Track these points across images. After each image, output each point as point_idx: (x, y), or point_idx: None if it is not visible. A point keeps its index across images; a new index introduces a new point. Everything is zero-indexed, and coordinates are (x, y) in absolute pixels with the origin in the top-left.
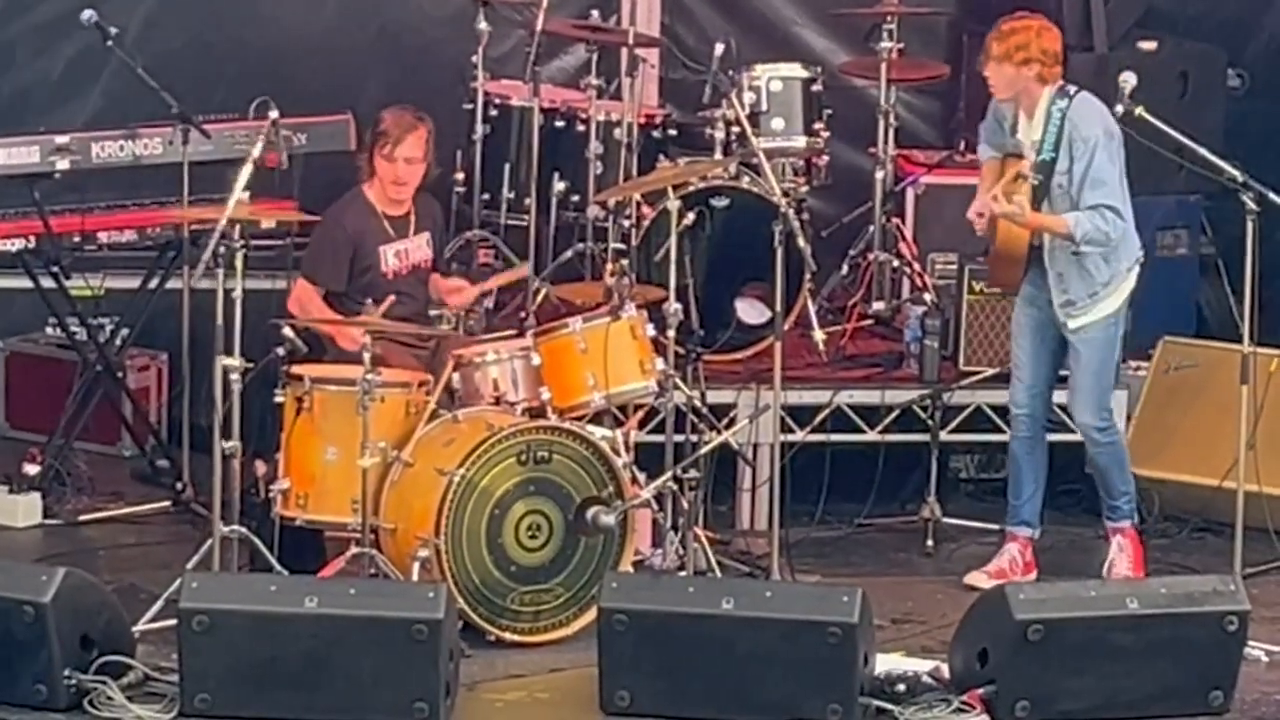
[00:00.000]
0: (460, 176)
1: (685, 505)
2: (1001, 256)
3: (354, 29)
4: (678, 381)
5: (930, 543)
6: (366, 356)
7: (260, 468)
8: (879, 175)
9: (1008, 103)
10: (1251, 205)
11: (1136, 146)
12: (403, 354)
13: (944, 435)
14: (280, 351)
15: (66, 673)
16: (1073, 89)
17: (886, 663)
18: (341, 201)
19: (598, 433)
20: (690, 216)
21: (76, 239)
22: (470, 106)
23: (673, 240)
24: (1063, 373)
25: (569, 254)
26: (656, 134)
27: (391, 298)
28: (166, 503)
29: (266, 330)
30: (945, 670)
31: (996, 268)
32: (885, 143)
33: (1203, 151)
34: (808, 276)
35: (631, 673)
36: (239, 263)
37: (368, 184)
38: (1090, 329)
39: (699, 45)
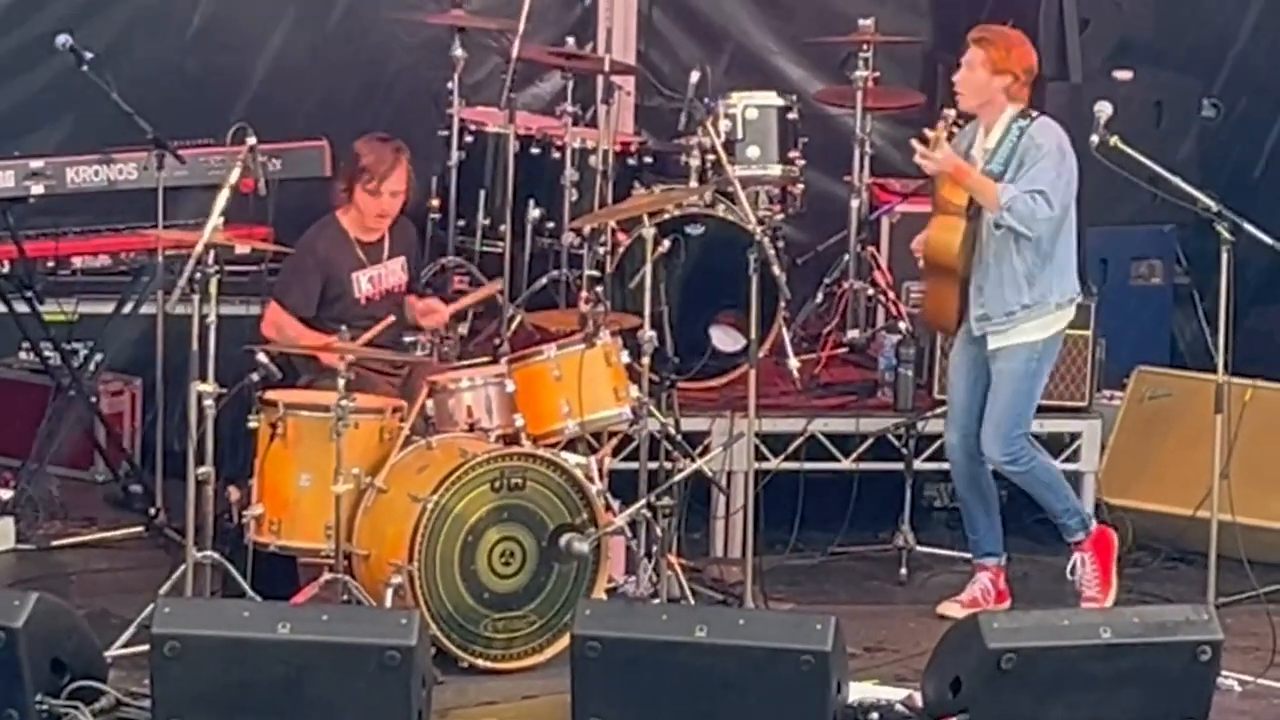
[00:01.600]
0: (435, 203)
1: (659, 533)
2: (931, 270)
3: (329, 55)
4: (652, 409)
5: (904, 571)
6: (341, 382)
7: (234, 493)
8: (854, 203)
9: (969, 114)
10: (1226, 235)
11: (1111, 176)
12: (377, 380)
13: (918, 464)
14: (254, 377)
15: (38, 698)
16: (1035, 113)
17: (860, 691)
18: (314, 228)
19: (572, 460)
20: (665, 244)
21: (50, 263)
22: (445, 133)
23: (648, 267)
24: None
25: (544, 281)
26: (632, 161)
27: (390, 318)
28: (139, 528)
29: (241, 356)
30: (918, 699)
31: (929, 293)
32: (860, 171)
33: (1177, 181)
34: (782, 304)
35: (604, 700)
36: (213, 288)
37: (341, 210)
38: (1007, 355)
39: (675, 73)
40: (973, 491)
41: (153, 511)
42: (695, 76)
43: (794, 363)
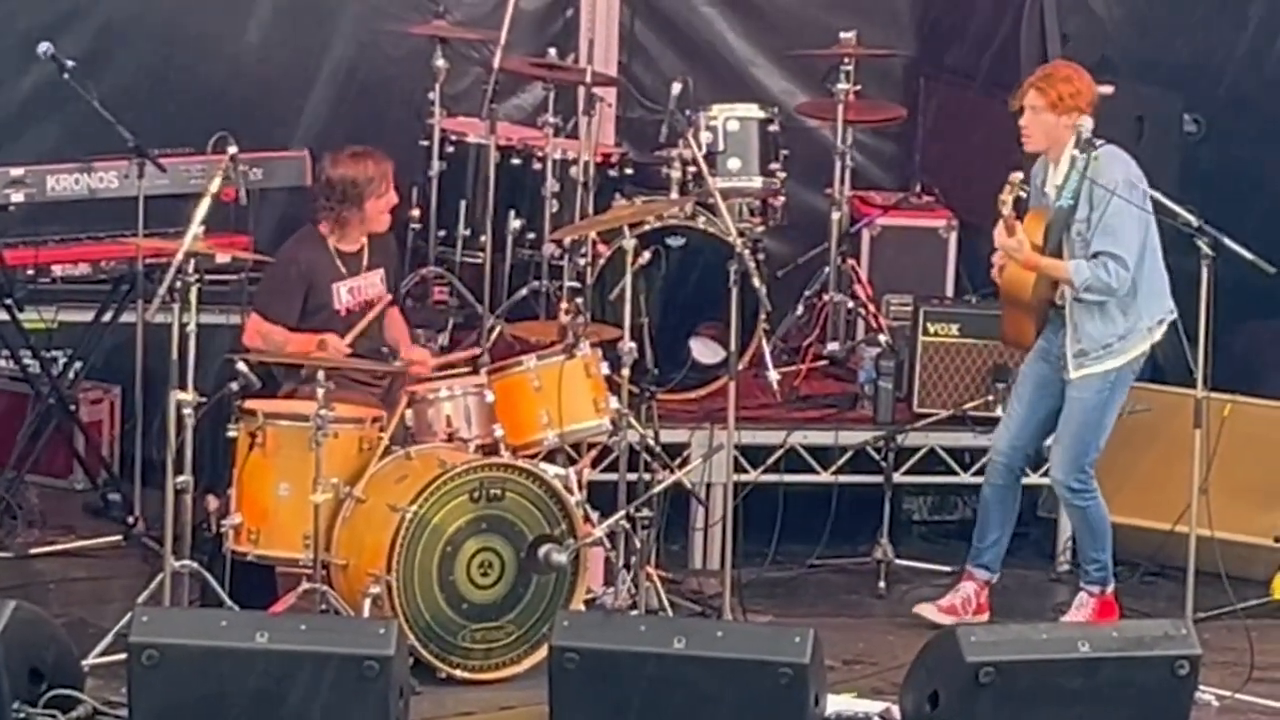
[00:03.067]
0: (416, 213)
1: (638, 544)
2: (1007, 301)
3: (310, 64)
4: (631, 420)
5: (882, 584)
6: (320, 392)
7: (212, 502)
8: (835, 216)
9: (1036, 153)
10: (1206, 250)
11: None
12: (357, 390)
13: (897, 477)
14: (234, 386)
15: (15, 706)
16: (1100, 141)
17: (838, 704)
18: (294, 239)
19: (551, 471)
20: (646, 255)
21: (30, 272)
22: (426, 143)
23: (628, 279)
24: None
25: (524, 292)
26: (613, 173)
27: (387, 300)
28: (118, 537)
29: (220, 365)
30: (896, 712)
31: (1006, 317)
32: (841, 184)
33: (1158, 196)
34: (763, 317)
35: (582, 711)
36: (193, 297)
37: (324, 223)
38: (1084, 383)
39: (656, 85)
40: (998, 503)
41: (131, 520)
42: (677, 88)
43: (774, 375)
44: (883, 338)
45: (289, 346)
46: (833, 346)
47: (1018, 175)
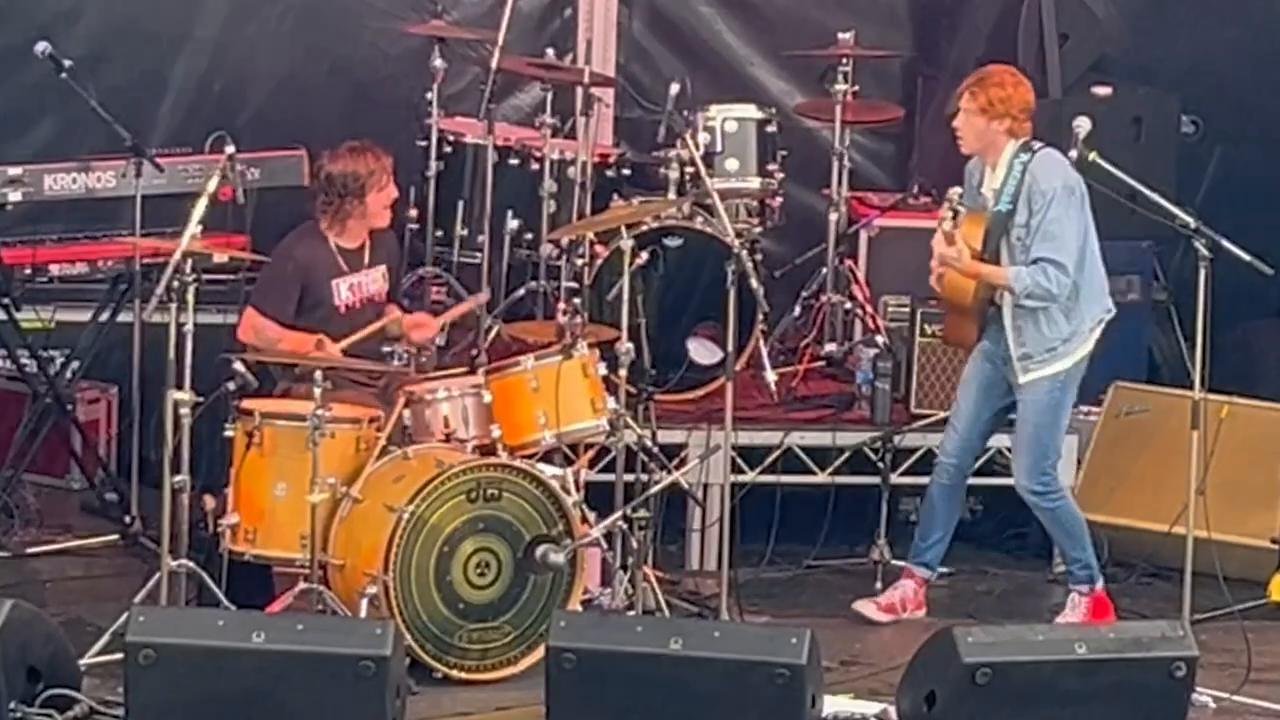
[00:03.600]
0: (414, 213)
1: (635, 544)
2: (949, 307)
3: (308, 64)
4: (629, 421)
5: (880, 585)
6: (317, 392)
7: (209, 502)
8: (833, 217)
9: (973, 156)
10: (1204, 251)
11: (1090, 192)
12: (354, 390)
13: (894, 478)
14: (230, 386)
15: (12, 705)
16: (1037, 144)
17: (834, 704)
18: (294, 234)
19: (548, 471)
20: (643, 256)
21: (27, 271)
22: (424, 143)
23: (625, 279)
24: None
25: (521, 292)
26: (611, 173)
27: (394, 314)
28: (115, 536)
29: (217, 364)
30: (893, 713)
31: (948, 320)
32: (839, 184)
33: (1155, 197)
34: (760, 317)
35: (579, 712)
36: (190, 297)
37: (325, 220)
38: (1033, 387)
39: (654, 85)
40: (944, 502)
41: (128, 520)
42: (674, 89)
43: (771, 376)
44: (880, 338)
45: (283, 344)
46: (830, 347)
47: (956, 191)
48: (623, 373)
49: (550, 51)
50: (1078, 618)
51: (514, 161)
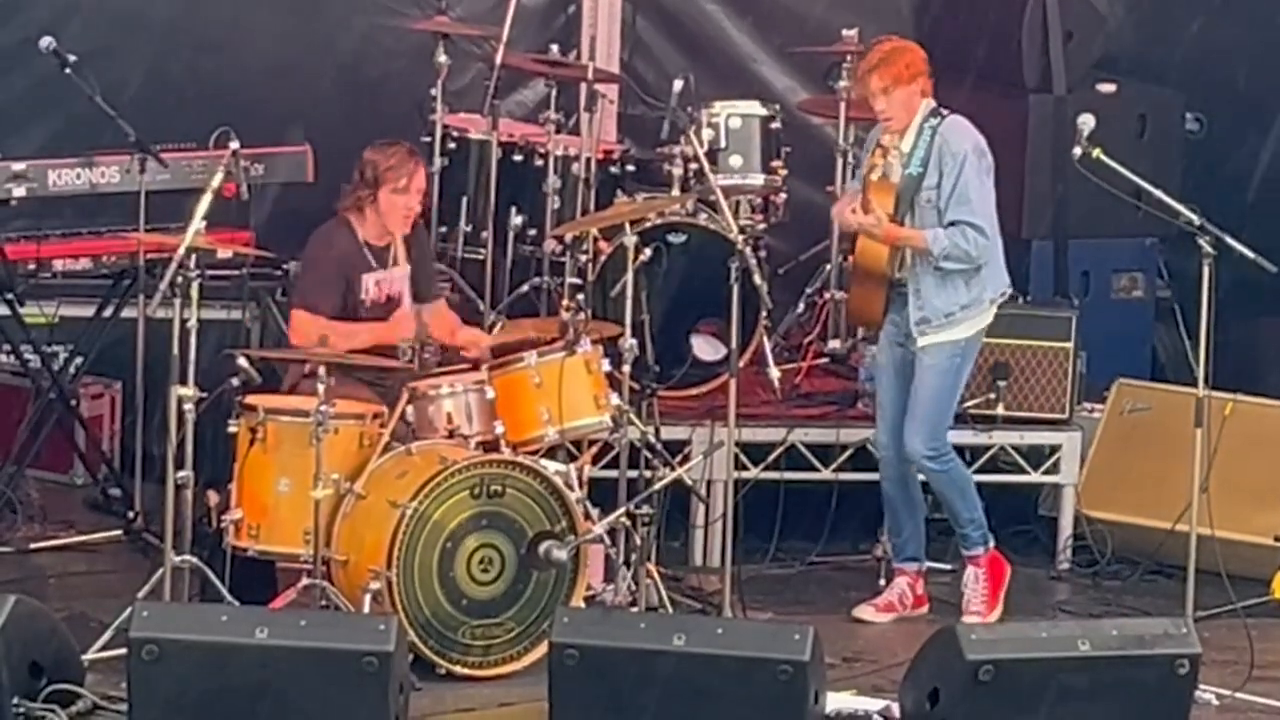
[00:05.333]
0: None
1: (638, 541)
2: (861, 276)
3: (312, 60)
4: (632, 417)
5: (883, 581)
6: (320, 387)
7: (213, 498)
8: None
9: (900, 131)
10: (1208, 249)
11: (1094, 189)
12: (360, 386)
13: None
14: (234, 381)
15: (15, 700)
16: (945, 110)
17: (837, 701)
18: (326, 230)
19: (551, 467)
20: (647, 252)
21: (31, 266)
22: (428, 139)
23: (629, 276)
24: None
25: (525, 288)
26: (614, 169)
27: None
28: (118, 531)
29: (221, 360)
30: (896, 709)
31: (854, 294)
32: (843, 181)
33: (1160, 194)
34: (764, 314)
35: (582, 708)
36: (194, 292)
37: (353, 214)
38: (933, 351)
39: (658, 81)
40: (900, 491)
41: (131, 515)
42: (679, 85)
43: (774, 372)
44: None
45: (362, 335)
46: (834, 344)
47: (879, 144)
48: (626, 369)
49: (554, 48)
50: (983, 585)
51: (518, 158)
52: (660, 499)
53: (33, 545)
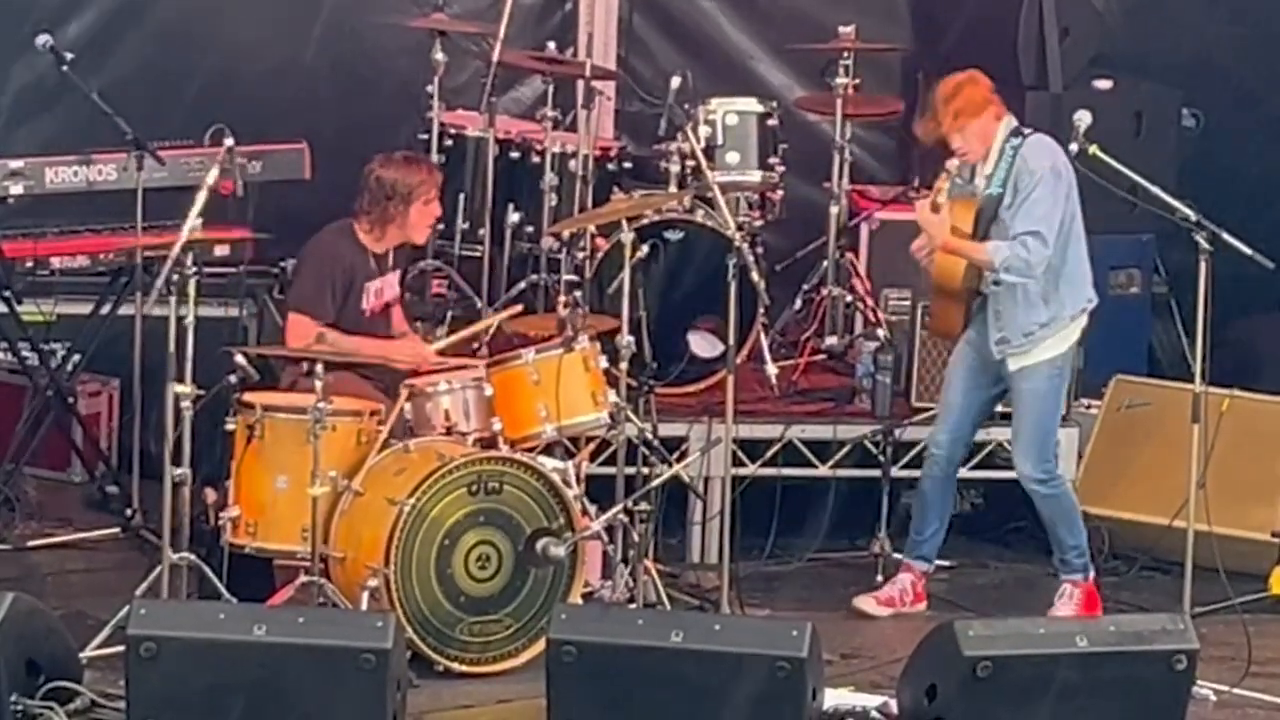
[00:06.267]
0: None
1: (636, 538)
2: (937, 291)
3: (309, 57)
4: (630, 414)
5: (880, 578)
6: (318, 385)
7: (210, 495)
8: (833, 210)
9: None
10: (1204, 245)
11: (1090, 185)
12: (360, 383)
13: (895, 471)
14: (232, 379)
15: (13, 698)
16: (1028, 130)
17: (835, 698)
18: (330, 235)
19: (549, 464)
20: (644, 249)
21: (29, 264)
22: (425, 136)
23: (626, 273)
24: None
25: (522, 285)
26: (611, 166)
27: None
28: (116, 529)
29: (218, 357)
30: (894, 706)
31: (934, 308)
32: (840, 178)
33: (1156, 191)
34: (761, 310)
35: (579, 704)
36: (192, 290)
37: (359, 222)
38: (1030, 374)
39: (655, 78)
40: (937, 495)
41: (129, 513)
42: (676, 82)
43: (772, 369)
44: (881, 332)
45: (367, 348)
46: (831, 340)
47: (954, 162)
48: (624, 366)
49: (551, 45)
50: (1072, 609)
51: (515, 155)
52: (658, 495)
53: (30, 543)
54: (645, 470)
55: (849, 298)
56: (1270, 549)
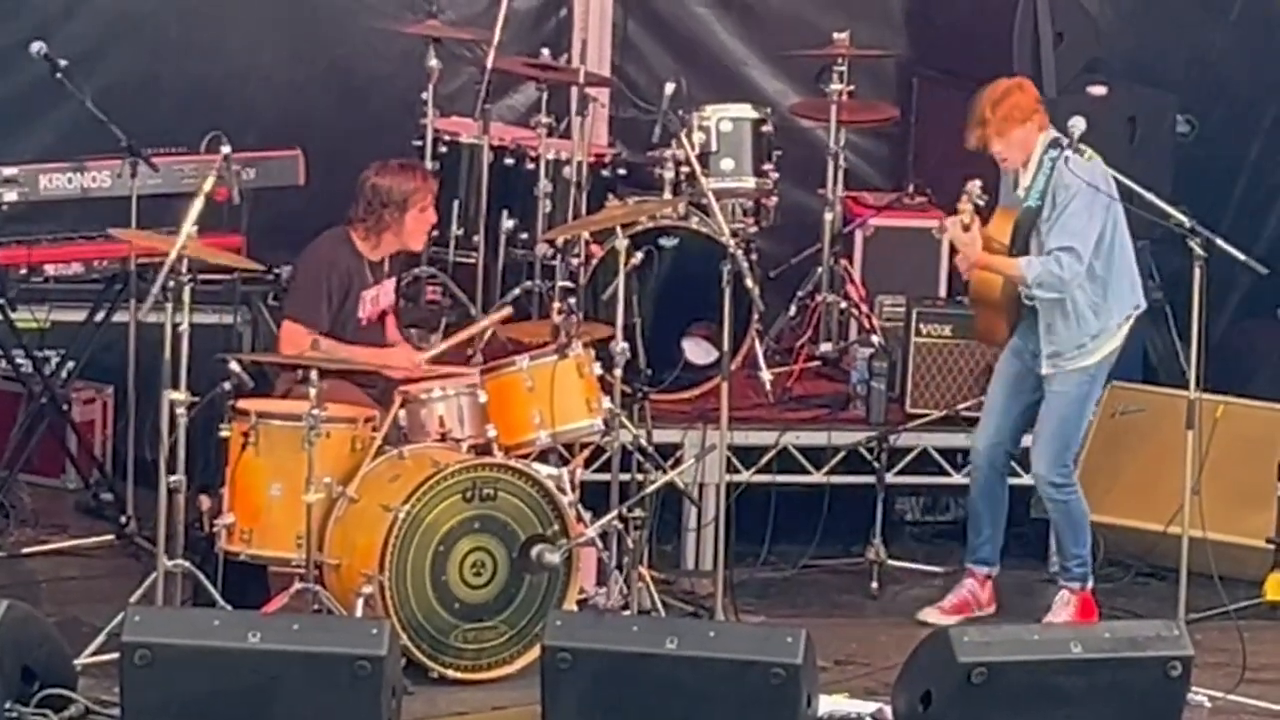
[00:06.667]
0: None
1: (630, 544)
2: (976, 303)
3: (304, 64)
4: (624, 420)
5: (875, 585)
6: (312, 391)
7: (205, 502)
8: (828, 217)
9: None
10: (1199, 251)
11: None
12: (354, 391)
13: (890, 477)
14: (226, 386)
15: (7, 705)
16: (1067, 141)
17: (830, 704)
18: (328, 243)
19: (543, 470)
20: (639, 256)
21: (23, 271)
22: (419, 143)
23: (620, 279)
24: None
25: (517, 292)
26: (606, 173)
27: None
28: (110, 536)
29: (213, 364)
30: (889, 712)
31: (977, 316)
32: (834, 184)
33: (1150, 197)
34: (755, 317)
35: (574, 711)
36: (186, 297)
37: (355, 229)
38: (1063, 379)
39: (649, 85)
40: (986, 499)
41: (124, 520)
42: (670, 89)
43: (766, 375)
44: (875, 338)
45: (360, 357)
46: (825, 347)
47: (975, 185)
48: (618, 372)
49: (545, 51)
50: (1067, 616)
51: (509, 161)
52: (652, 502)
53: (25, 550)
54: (640, 477)
55: (843, 304)
56: (1265, 555)
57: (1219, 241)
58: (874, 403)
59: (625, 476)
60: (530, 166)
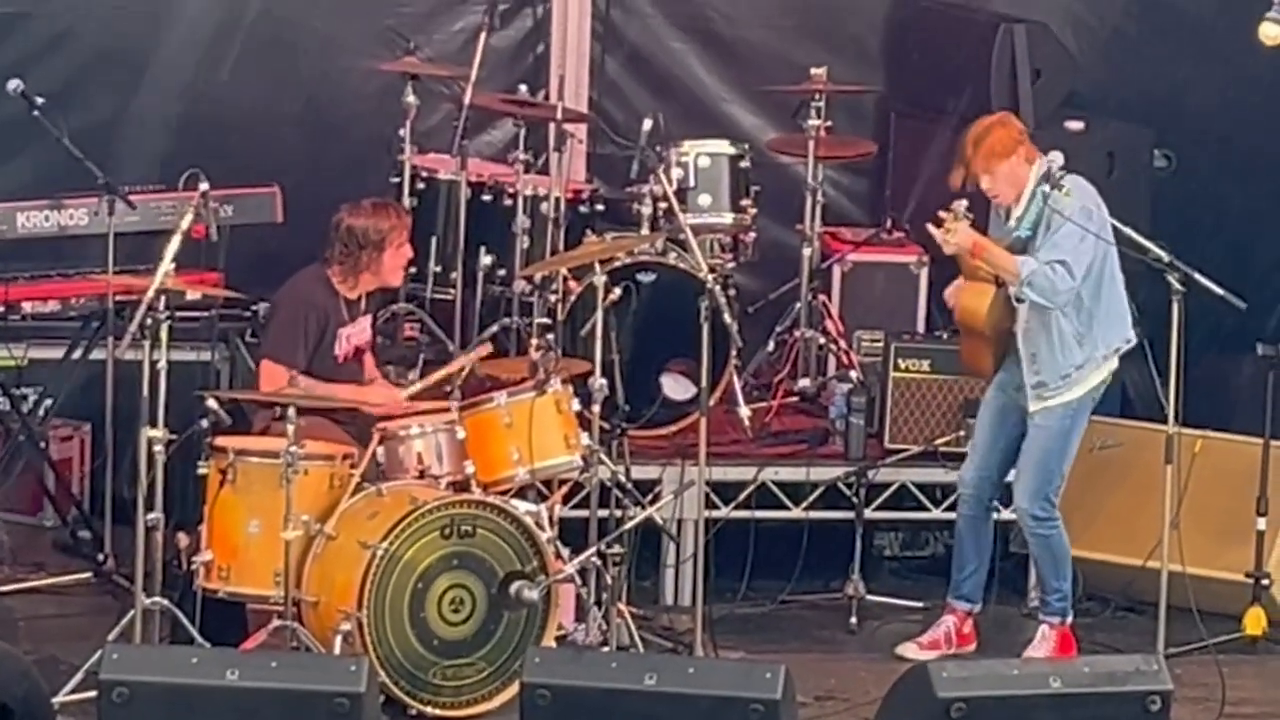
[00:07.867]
0: None
1: (609, 580)
2: (963, 331)
3: (281, 100)
4: (602, 456)
5: (854, 620)
6: (290, 428)
7: (183, 539)
8: (806, 252)
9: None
10: (1177, 285)
11: None
12: (332, 428)
13: (869, 513)
14: (204, 423)
15: None
16: (1062, 173)
17: None
18: (305, 281)
19: (522, 507)
20: (617, 292)
21: (0, 308)
22: (397, 179)
23: (599, 315)
24: None
25: (495, 328)
26: (584, 209)
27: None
28: (88, 574)
29: (190, 401)
30: None
31: (963, 345)
32: (812, 220)
33: (1128, 231)
34: (734, 353)
35: None
36: (164, 334)
37: (332, 270)
38: (1045, 414)
39: (627, 121)
40: (972, 533)
41: (101, 557)
42: (647, 124)
43: (745, 411)
44: (854, 374)
45: (342, 394)
46: (804, 382)
47: (961, 204)
48: (596, 408)
49: (523, 88)
50: (1046, 650)
51: (487, 198)
52: (631, 538)
53: (2, 588)
54: (618, 513)
55: (822, 340)
56: (1244, 589)
57: (1197, 276)
58: (852, 438)
59: (604, 512)
60: (508, 203)
